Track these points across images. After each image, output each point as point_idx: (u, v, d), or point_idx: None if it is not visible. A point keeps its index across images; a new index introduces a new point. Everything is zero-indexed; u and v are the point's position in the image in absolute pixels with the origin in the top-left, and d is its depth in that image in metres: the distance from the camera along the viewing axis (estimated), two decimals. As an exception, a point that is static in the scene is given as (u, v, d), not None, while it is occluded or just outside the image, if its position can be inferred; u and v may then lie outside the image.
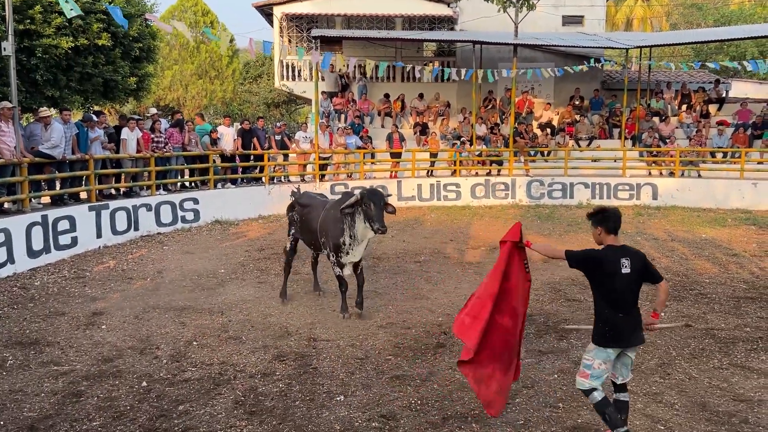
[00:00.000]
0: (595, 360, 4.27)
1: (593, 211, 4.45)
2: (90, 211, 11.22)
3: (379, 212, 6.83)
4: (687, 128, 18.84)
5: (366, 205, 6.91)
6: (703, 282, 8.99)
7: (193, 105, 32.36)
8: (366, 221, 6.97)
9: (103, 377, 5.72)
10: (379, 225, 6.79)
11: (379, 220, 6.80)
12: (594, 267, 4.28)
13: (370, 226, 6.92)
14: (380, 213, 6.84)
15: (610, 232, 4.33)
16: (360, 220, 7.06)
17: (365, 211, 6.94)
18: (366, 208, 6.92)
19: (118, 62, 14.04)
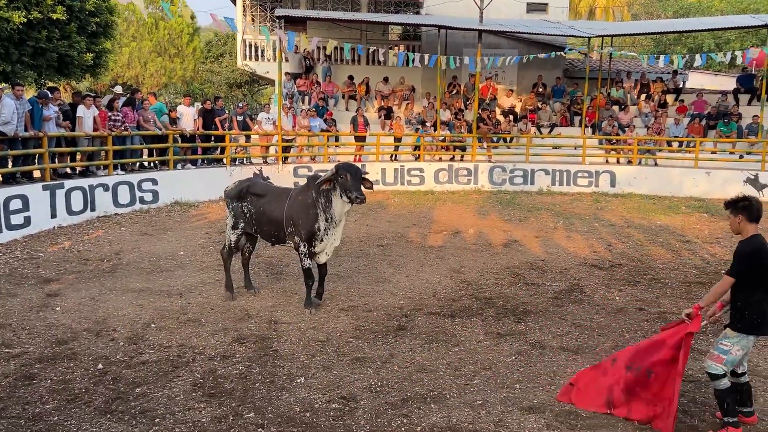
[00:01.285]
0: (734, 346, 4.31)
1: (733, 199, 4.36)
2: (44, 191, 10.91)
3: (357, 182, 6.49)
4: (645, 117, 19.24)
5: (342, 177, 6.52)
6: (657, 267, 9.24)
7: (152, 83, 31.61)
8: (342, 194, 6.57)
9: (57, 360, 5.60)
10: (356, 193, 6.43)
11: (356, 188, 6.45)
12: (763, 257, 4.23)
13: (347, 197, 6.51)
14: (358, 183, 6.49)
15: (752, 220, 4.31)
16: (337, 197, 6.65)
17: (342, 183, 6.53)
18: (342, 180, 6.52)
19: (73, 37, 13.62)
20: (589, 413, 4.70)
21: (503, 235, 11.35)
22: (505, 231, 11.75)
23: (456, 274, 8.72)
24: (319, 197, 6.76)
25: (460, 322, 6.75)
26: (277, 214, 7.08)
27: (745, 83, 19.99)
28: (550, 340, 6.27)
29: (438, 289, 7.96)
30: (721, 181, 16.21)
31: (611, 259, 9.73)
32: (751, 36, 28.54)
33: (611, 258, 9.79)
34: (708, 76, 27.85)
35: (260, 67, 22.00)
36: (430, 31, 20.31)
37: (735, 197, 4.40)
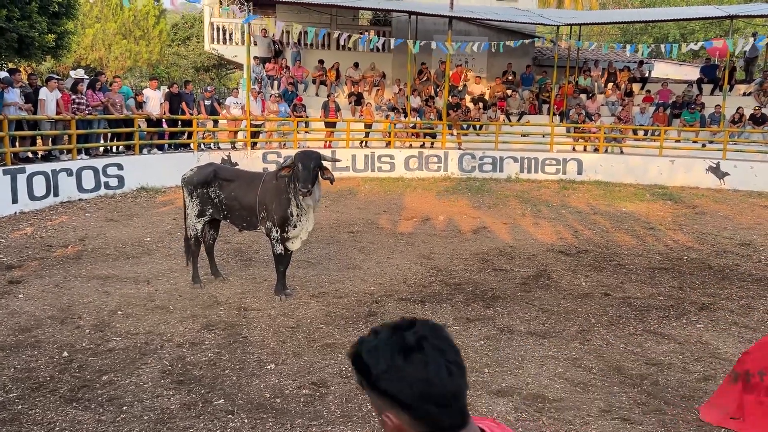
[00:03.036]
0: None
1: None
2: (5, 175, 10.62)
3: (306, 173, 6.40)
4: (612, 106, 19.52)
5: (296, 167, 6.49)
6: (621, 253, 9.43)
7: (117, 66, 30.86)
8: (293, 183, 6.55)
9: (20, 348, 5.49)
10: (300, 185, 6.38)
11: (303, 180, 6.37)
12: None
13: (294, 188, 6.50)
14: (307, 174, 6.40)
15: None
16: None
17: (295, 172, 6.50)
18: (295, 170, 6.50)
19: (34, 17, 13.19)
20: (556, 396, 4.79)
21: (472, 222, 11.44)
22: (475, 218, 11.84)
23: (426, 260, 8.77)
24: (289, 183, 6.69)
25: (430, 307, 6.80)
26: (250, 199, 6.97)
27: (709, 73, 20.41)
28: (518, 324, 6.36)
29: (408, 276, 8.00)
30: (684, 168, 16.57)
31: (578, 245, 9.90)
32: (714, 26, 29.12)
33: (578, 244, 9.95)
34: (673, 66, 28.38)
35: (228, 50, 21.66)
36: (401, 17, 20.23)
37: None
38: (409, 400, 1.31)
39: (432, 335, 1.35)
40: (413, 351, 1.32)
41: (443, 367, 1.31)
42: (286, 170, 6.62)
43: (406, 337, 1.33)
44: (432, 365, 1.31)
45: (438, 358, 1.32)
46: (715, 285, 7.91)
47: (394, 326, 1.37)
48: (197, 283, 7.35)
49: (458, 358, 1.35)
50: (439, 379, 1.30)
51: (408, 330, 1.35)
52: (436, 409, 1.31)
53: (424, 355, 1.31)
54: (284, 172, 6.63)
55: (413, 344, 1.32)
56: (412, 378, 1.30)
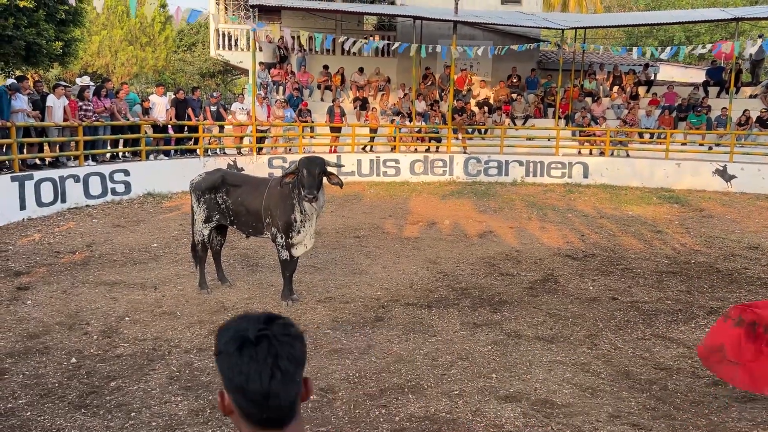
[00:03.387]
0: None
1: None
2: (13, 182, 10.67)
3: (311, 179, 6.39)
4: (617, 109, 19.49)
5: (300, 173, 6.49)
6: (629, 257, 9.40)
7: (123, 72, 31.01)
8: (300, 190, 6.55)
9: (29, 354, 5.51)
10: (305, 191, 6.37)
11: (308, 186, 6.36)
12: None
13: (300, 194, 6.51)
14: (312, 180, 6.39)
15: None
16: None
17: (299, 178, 6.50)
18: (300, 176, 6.50)
19: (41, 25, 13.27)
20: (565, 401, 4.77)
21: (478, 226, 11.43)
22: (481, 222, 11.83)
23: (432, 264, 8.76)
24: (293, 189, 6.69)
25: (437, 312, 6.79)
26: (256, 204, 6.98)
27: (714, 76, 20.37)
28: (526, 329, 6.34)
29: (414, 280, 7.99)
30: (691, 171, 16.53)
31: (584, 249, 9.87)
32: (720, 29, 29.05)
33: (584, 248, 9.92)
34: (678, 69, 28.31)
35: (234, 56, 21.75)
36: (406, 22, 20.27)
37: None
38: (229, 387, 1.39)
39: (277, 337, 1.39)
40: (247, 345, 1.37)
41: (267, 369, 1.36)
42: (290, 177, 6.62)
43: (249, 331, 1.39)
44: (255, 364, 1.36)
45: (266, 359, 1.36)
46: (724, 289, 7.87)
47: (255, 317, 1.43)
48: (204, 289, 7.36)
49: (291, 366, 1.39)
50: (257, 378, 1.36)
51: (259, 325, 1.40)
52: (246, 403, 1.38)
53: (254, 353, 1.37)
54: (288, 179, 6.63)
55: (251, 339, 1.37)
56: (236, 369, 1.37)
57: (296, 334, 1.43)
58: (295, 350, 1.40)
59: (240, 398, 1.38)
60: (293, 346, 1.40)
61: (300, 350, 1.42)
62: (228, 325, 1.43)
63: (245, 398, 1.38)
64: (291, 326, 1.44)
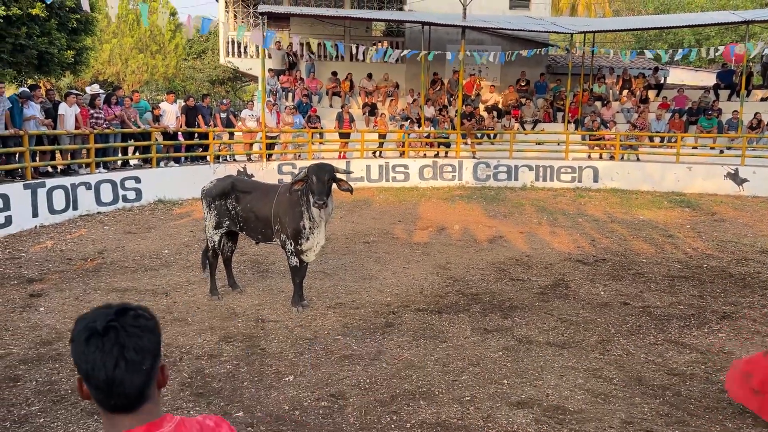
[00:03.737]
0: None
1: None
2: (25, 189, 10.76)
3: (321, 185, 6.41)
4: (627, 113, 19.42)
5: (310, 180, 6.51)
6: (640, 262, 9.34)
7: (134, 80, 31.26)
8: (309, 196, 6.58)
9: (41, 361, 5.54)
10: (315, 198, 6.40)
11: (318, 192, 6.38)
12: None
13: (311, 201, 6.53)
14: (321, 186, 6.41)
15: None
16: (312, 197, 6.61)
17: (309, 185, 6.53)
18: (309, 183, 6.52)
19: (53, 34, 13.40)
20: (577, 407, 4.74)
21: (488, 231, 11.40)
22: (490, 227, 11.81)
23: (442, 270, 8.75)
24: (302, 195, 6.71)
25: (447, 318, 6.77)
26: (265, 210, 7.01)
27: (725, 79, 20.25)
28: (537, 335, 6.31)
29: (425, 286, 7.98)
30: (702, 175, 16.42)
31: (595, 254, 9.82)
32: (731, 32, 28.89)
33: (595, 253, 9.88)
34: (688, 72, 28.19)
35: (243, 63, 21.87)
36: (414, 27, 20.32)
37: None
38: (80, 373, 1.47)
39: (125, 328, 1.46)
40: (95, 336, 1.44)
41: (111, 359, 1.43)
42: (299, 184, 6.63)
43: (98, 322, 1.45)
44: (101, 353, 1.44)
45: (112, 349, 1.44)
46: (737, 293, 7.80)
47: (108, 309, 1.50)
48: (215, 295, 7.38)
49: (137, 356, 1.46)
50: (102, 367, 1.43)
51: (109, 316, 1.47)
52: (94, 390, 1.47)
53: (102, 343, 1.44)
54: (297, 186, 6.64)
55: (99, 330, 1.44)
56: (83, 357, 1.45)
57: (146, 325, 1.50)
58: (142, 341, 1.47)
59: (89, 385, 1.47)
60: (141, 338, 1.47)
61: (149, 341, 1.49)
62: (84, 316, 1.50)
63: (91, 385, 1.46)
64: (143, 318, 1.50)
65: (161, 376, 1.55)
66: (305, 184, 6.61)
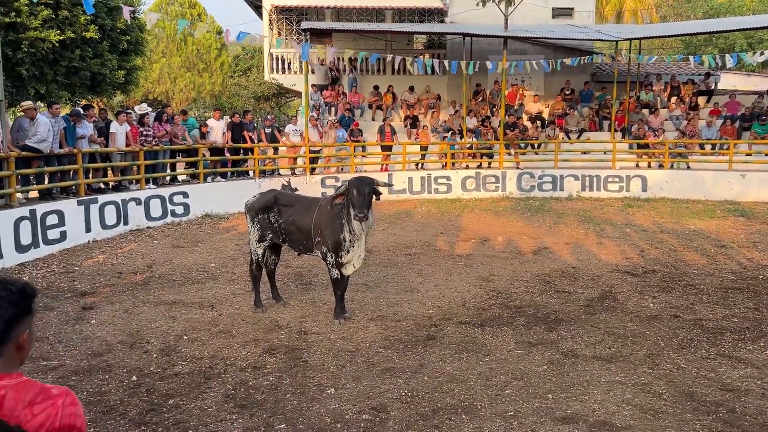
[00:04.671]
0: None
1: None
2: (79, 206, 11.15)
3: (362, 198, 6.48)
4: (676, 120, 18.93)
5: (351, 193, 6.59)
6: (691, 273, 9.05)
7: (182, 98, 32.15)
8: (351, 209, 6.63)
9: (92, 372, 5.70)
10: (356, 211, 6.46)
11: (359, 205, 6.46)
12: None
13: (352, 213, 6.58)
14: (362, 199, 6.48)
15: None
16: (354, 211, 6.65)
17: (349, 198, 6.61)
18: (350, 196, 6.60)
19: (105, 55, 13.89)
20: (625, 423, 4.60)
21: (533, 243, 11.24)
22: (535, 238, 11.64)
23: (485, 282, 8.66)
24: (343, 208, 6.78)
25: (491, 331, 6.69)
26: (306, 223, 7.11)
27: (780, 83, 19.53)
28: (583, 348, 6.17)
29: (467, 298, 7.91)
30: (756, 183, 15.85)
31: (644, 265, 9.57)
32: (784, 34, 27.89)
33: (644, 264, 9.62)
34: (741, 77, 27.30)
35: (287, 79, 22.22)
36: (455, 39, 20.31)
37: None
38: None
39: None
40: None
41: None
42: (340, 198, 6.70)
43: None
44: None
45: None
46: (795, 305, 7.47)
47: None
48: (259, 308, 7.48)
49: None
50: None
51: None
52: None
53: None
54: (339, 200, 6.71)
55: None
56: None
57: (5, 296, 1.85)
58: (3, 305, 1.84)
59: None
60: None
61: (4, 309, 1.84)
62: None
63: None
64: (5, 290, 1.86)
65: (21, 340, 1.91)
66: (345, 197, 6.68)
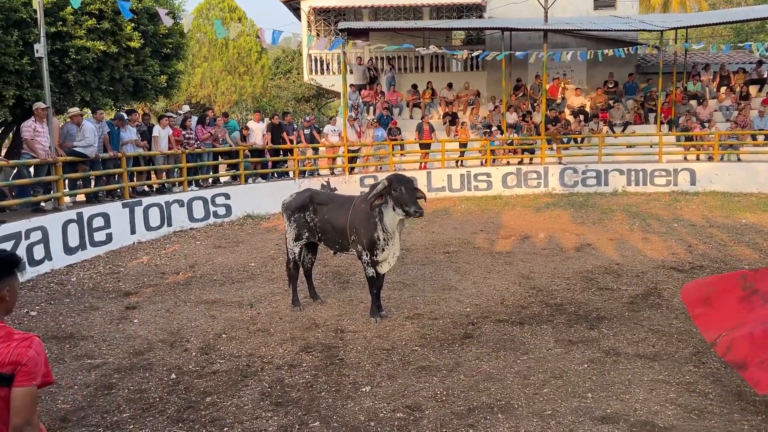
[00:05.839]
0: None
1: None
2: (124, 208, 11.43)
3: (412, 194, 6.46)
4: (726, 111, 18.28)
5: (396, 190, 6.48)
6: (742, 268, 8.69)
7: (224, 101, 32.71)
8: (397, 207, 6.52)
9: (134, 370, 5.82)
10: (414, 207, 6.38)
11: (413, 202, 6.41)
12: None
13: (403, 211, 6.47)
14: (413, 195, 6.46)
15: None
16: (388, 209, 6.60)
17: (396, 197, 6.49)
18: (397, 194, 6.49)
19: (147, 61, 14.17)
20: (668, 423, 4.44)
21: (575, 239, 11.00)
22: (578, 234, 11.39)
23: (525, 280, 8.51)
24: (375, 209, 6.75)
25: (529, 329, 6.56)
26: (341, 221, 7.12)
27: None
28: (625, 346, 5.99)
29: (506, 296, 7.78)
30: (813, 174, 15.17)
31: (692, 260, 9.25)
32: (842, 18, 26.63)
33: (692, 259, 9.30)
34: (795, 64, 26.16)
35: (326, 80, 22.35)
36: (494, 34, 20.07)
37: None
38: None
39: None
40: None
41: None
42: (379, 200, 6.62)
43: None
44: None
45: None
46: None
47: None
48: (296, 306, 7.51)
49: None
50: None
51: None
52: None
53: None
54: (378, 202, 6.63)
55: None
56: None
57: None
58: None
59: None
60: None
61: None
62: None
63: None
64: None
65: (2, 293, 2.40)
66: (384, 198, 6.62)
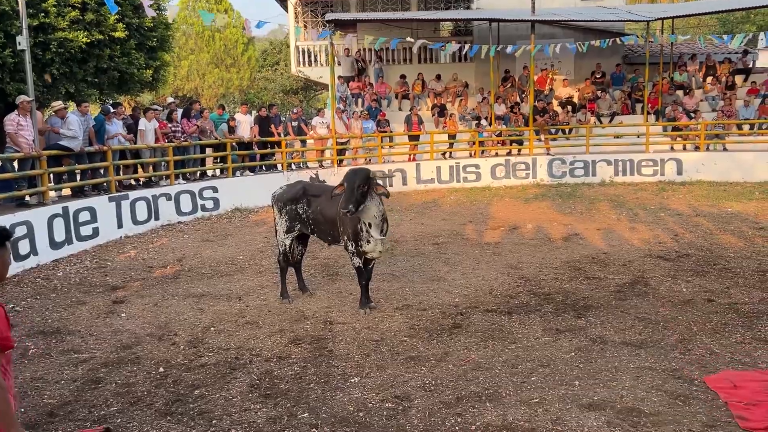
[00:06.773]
0: None
1: None
2: (110, 202, 11.34)
3: (349, 192, 6.42)
4: (712, 100, 18.39)
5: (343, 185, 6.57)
6: (727, 256, 8.78)
7: (211, 94, 32.51)
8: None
9: (121, 364, 5.79)
10: (342, 206, 6.49)
11: (344, 200, 6.44)
12: None
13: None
14: (349, 194, 6.42)
15: None
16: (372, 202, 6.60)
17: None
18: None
19: (133, 54, 14.03)
20: (653, 409, 4.48)
21: (563, 229, 11.05)
22: (566, 224, 11.44)
23: (513, 270, 8.54)
24: None
25: (518, 318, 6.59)
26: (332, 213, 7.13)
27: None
28: (612, 334, 6.04)
29: (494, 286, 7.81)
30: (798, 163, 15.31)
31: (678, 249, 9.32)
32: (827, 8, 26.84)
33: (678, 248, 9.38)
34: (780, 54, 26.38)
35: (314, 72, 22.25)
36: (482, 25, 20.03)
37: None
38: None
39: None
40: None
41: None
42: (339, 188, 6.67)
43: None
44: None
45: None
46: (837, 287, 7.19)
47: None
48: (285, 299, 7.50)
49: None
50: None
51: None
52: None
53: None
54: (338, 191, 6.68)
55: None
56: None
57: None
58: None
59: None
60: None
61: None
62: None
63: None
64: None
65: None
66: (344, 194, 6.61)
